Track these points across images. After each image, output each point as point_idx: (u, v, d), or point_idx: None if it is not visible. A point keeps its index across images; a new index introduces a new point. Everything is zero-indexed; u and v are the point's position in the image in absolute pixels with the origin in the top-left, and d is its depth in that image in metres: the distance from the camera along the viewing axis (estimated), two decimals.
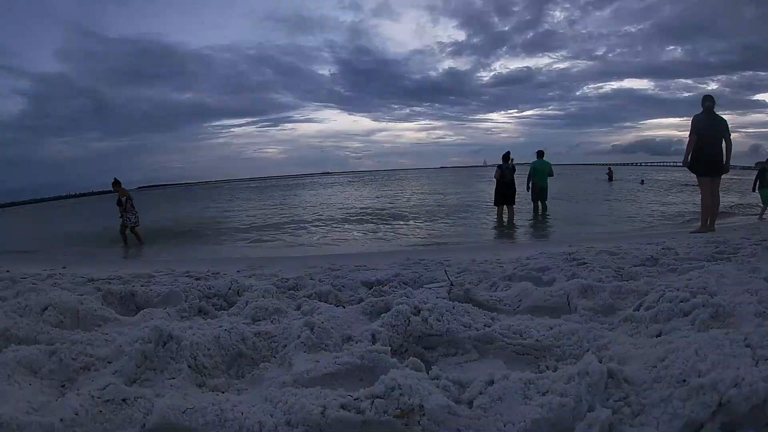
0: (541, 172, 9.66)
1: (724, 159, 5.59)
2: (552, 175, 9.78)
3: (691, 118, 5.68)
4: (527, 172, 9.80)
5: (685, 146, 5.69)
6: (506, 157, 9.00)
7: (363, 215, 11.90)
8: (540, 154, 9.73)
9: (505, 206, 9.16)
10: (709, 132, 5.50)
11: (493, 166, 9.28)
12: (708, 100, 5.56)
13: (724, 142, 5.52)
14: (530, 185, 9.72)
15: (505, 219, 9.06)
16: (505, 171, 8.98)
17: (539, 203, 9.77)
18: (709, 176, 5.64)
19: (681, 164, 5.88)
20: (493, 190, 9.44)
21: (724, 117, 5.64)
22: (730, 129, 5.55)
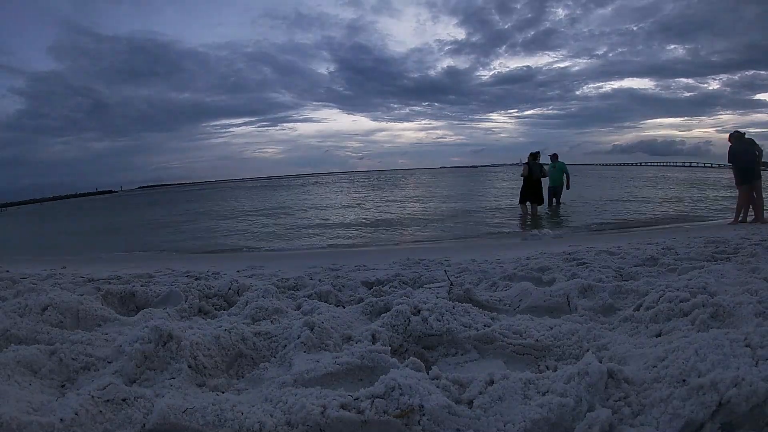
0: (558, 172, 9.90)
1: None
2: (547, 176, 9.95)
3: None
4: (566, 172, 9.85)
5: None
6: (535, 155, 8.98)
7: (366, 213, 11.91)
8: (555, 157, 9.96)
9: (529, 204, 8.99)
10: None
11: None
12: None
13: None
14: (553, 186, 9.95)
15: (529, 217, 8.86)
16: (534, 168, 8.84)
17: (554, 200, 10.04)
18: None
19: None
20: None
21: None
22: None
